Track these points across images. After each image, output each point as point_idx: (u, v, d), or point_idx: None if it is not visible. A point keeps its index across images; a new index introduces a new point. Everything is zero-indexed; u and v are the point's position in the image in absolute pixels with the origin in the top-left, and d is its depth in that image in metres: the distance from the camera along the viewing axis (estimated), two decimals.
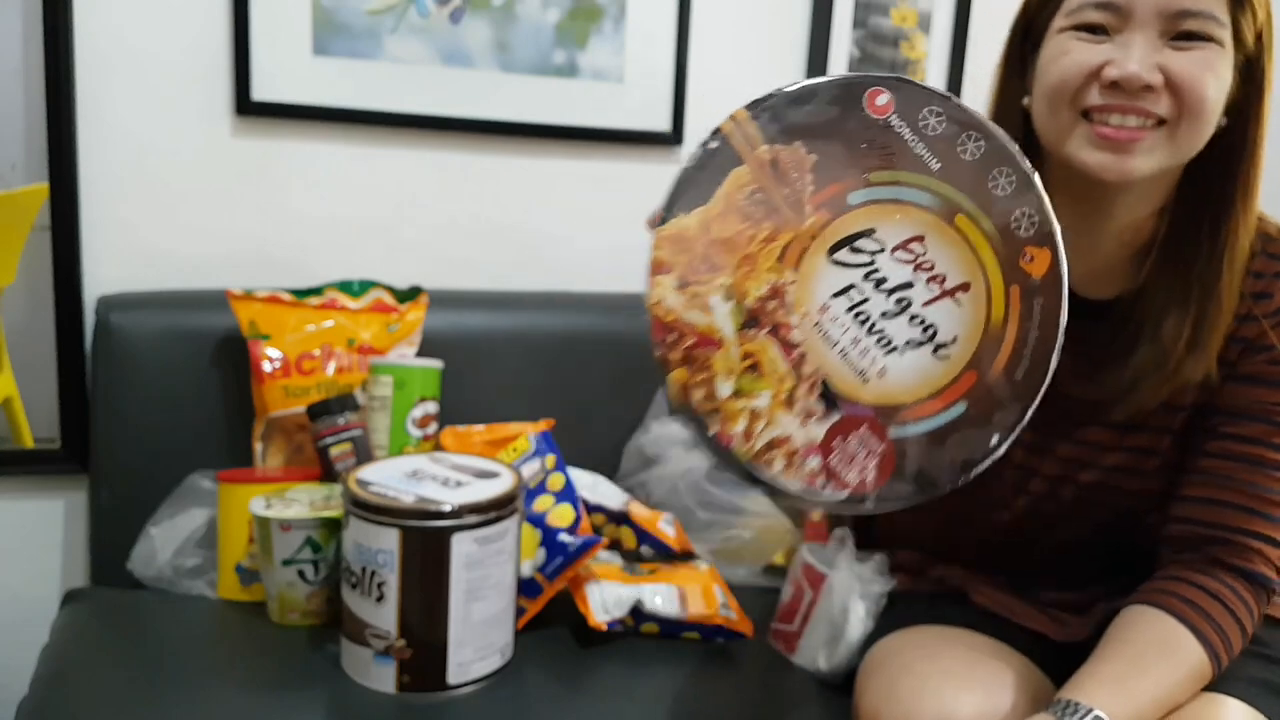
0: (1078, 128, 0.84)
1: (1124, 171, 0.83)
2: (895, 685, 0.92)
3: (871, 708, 0.93)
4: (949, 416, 0.69)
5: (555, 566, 1.10)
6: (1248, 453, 0.88)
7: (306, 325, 1.27)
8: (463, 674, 1.00)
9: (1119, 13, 0.82)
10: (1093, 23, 0.83)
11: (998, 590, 1.04)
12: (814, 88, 0.69)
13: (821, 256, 0.69)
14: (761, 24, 1.58)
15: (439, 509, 0.97)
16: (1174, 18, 0.81)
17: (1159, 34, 0.82)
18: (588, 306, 1.47)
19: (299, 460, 1.27)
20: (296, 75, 1.36)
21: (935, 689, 0.89)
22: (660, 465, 1.35)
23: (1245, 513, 0.88)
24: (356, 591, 0.99)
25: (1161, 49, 0.82)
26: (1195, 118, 0.83)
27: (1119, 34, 0.83)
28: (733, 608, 1.17)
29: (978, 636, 0.98)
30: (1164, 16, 0.82)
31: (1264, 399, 0.88)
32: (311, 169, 1.41)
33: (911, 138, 0.69)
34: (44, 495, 1.38)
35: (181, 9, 1.32)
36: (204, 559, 1.19)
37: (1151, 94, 0.82)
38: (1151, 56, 0.82)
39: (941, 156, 0.69)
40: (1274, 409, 0.88)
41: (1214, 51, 0.82)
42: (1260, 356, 0.89)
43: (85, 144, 1.31)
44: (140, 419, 1.26)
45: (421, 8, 1.40)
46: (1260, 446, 0.88)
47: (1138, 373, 0.88)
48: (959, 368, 0.69)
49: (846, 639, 1.07)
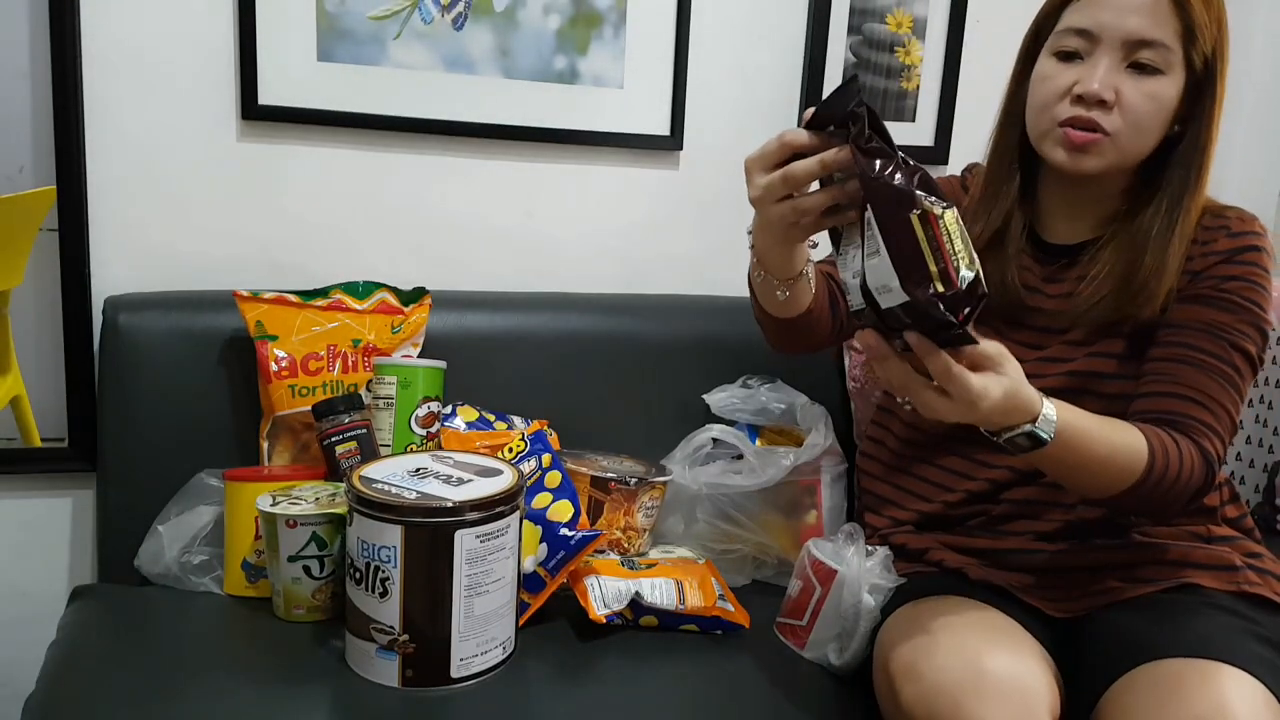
0: (1052, 132, 1.07)
1: (1080, 168, 1.06)
2: (935, 640, 0.96)
3: (906, 663, 0.96)
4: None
5: (557, 561, 1.12)
6: (1191, 356, 1.05)
7: (312, 326, 1.29)
8: (465, 668, 1.02)
9: (1091, 38, 1.04)
10: (1070, 49, 1.06)
11: (995, 570, 1.10)
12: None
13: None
14: (759, 30, 1.59)
15: (441, 506, 0.99)
16: (1134, 46, 1.03)
17: (1121, 59, 1.04)
18: (588, 307, 1.49)
19: (305, 458, 1.28)
20: (301, 80, 1.38)
21: (975, 646, 0.94)
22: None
23: (1191, 403, 1.04)
24: (361, 587, 1.01)
25: (1121, 72, 1.04)
26: (1136, 134, 1.05)
27: (1089, 56, 1.05)
28: (730, 600, 1.18)
29: (992, 609, 1.03)
30: (1126, 44, 1.03)
31: (1204, 316, 1.06)
32: (317, 173, 1.43)
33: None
34: (52, 493, 1.39)
35: (188, 14, 1.34)
36: (211, 556, 1.21)
37: (1106, 107, 1.04)
38: (1111, 77, 1.03)
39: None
40: (1214, 324, 1.06)
41: (1162, 82, 1.04)
42: (1204, 284, 1.07)
43: (93, 147, 1.32)
44: (148, 418, 1.27)
45: (425, 14, 1.42)
46: (1202, 354, 1.05)
47: (1096, 293, 1.08)
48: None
49: (859, 633, 1.08)
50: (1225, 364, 1.05)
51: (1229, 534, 1.12)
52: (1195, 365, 1.05)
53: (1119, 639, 0.99)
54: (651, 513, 1.28)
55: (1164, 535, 1.10)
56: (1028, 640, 0.99)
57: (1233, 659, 0.91)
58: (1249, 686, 0.89)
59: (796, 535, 1.33)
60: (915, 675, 0.93)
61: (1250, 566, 1.07)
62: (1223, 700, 0.87)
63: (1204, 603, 1.02)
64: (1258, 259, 1.08)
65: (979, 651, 0.93)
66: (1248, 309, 1.06)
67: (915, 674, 0.93)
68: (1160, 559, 1.08)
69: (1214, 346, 1.05)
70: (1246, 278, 1.07)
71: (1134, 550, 1.09)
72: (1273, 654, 0.95)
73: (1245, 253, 1.07)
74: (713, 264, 1.62)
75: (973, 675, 0.90)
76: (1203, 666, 0.90)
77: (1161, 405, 1.04)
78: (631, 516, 1.26)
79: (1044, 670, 0.95)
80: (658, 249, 1.61)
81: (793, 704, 1.07)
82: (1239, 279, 1.07)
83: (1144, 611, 1.02)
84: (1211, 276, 1.07)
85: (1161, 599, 1.04)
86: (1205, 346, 1.05)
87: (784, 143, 0.89)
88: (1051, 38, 1.08)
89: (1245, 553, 1.10)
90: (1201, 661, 0.91)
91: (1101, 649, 1.00)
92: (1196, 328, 1.06)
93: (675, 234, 1.61)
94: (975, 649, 0.93)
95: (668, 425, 1.43)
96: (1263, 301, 1.07)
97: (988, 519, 1.13)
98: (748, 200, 0.94)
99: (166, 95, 1.35)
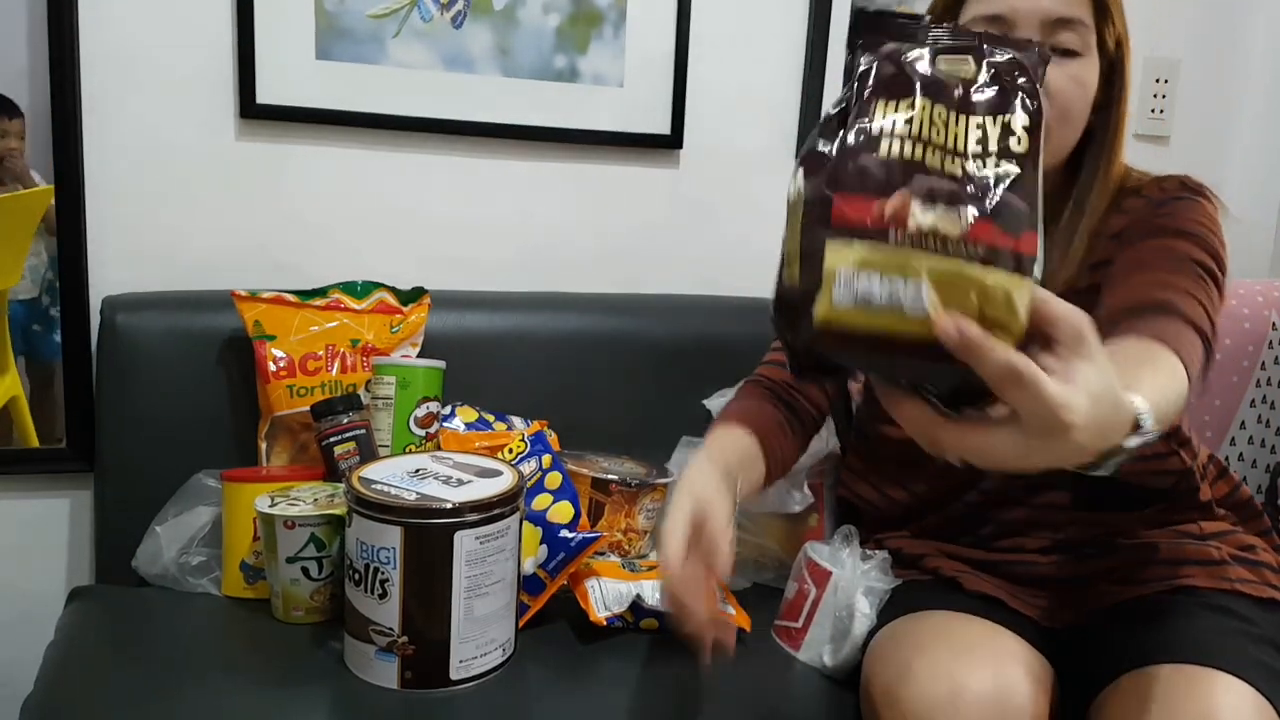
0: None
1: None
2: (910, 665, 0.94)
3: (885, 687, 0.95)
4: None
5: (557, 562, 1.12)
6: (1143, 265, 0.95)
7: (311, 326, 1.29)
8: (465, 670, 1.02)
9: (1005, 24, 0.97)
10: None
11: (988, 577, 1.08)
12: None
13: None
14: (760, 28, 1.59)
15: (441, 507, 0.98)
16: (1052, 26, 0.96)
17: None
18: (588, 307, 1.49)
19: (303, 459, 1.28)
20: (300, 79, 1.38)
21: (948, 667, 0.92)
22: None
23: (1164, 290, 0.91)
24: (360, 588, 1.00)
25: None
26: (1065, 122, 0.98)
27: None
28: (730, 602, 1.18)
29: (978, 620, 1.01)
30: (1044, 25, 0.96)
31: (1140, 252, 0.97)
32: (316, 172, 1.42)
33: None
34: (50, 494, 1.39)
35: (187, 13, 1.33)
36: (209, 557, 1.20)
37: None
38: None
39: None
40: (1156, 249, 0.96)
41: (1082, 65, 0.97)
42: (1137, 232, 1.00)
43: (91, 146, 1.32)
44: (145, 418, 1.27)
45: (424, 12, 1.41)
46: (1155, 271, 0.94)
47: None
48: None
49: (852, 635, 1.08)
50: (1182, 262, 0.94)
51: (1221, 528, 1.09)
52: (1149, 269, 0.94)
53: (1109, 645, 0.98)
54: (653, 515, 1.28)
55: (1156, 537, 1.07)
56: (1016, 651, 0.96)
57: (1223, 664, 0.88)
58: (1237, 694, 0.86)
59: (797, 538, 1.32)
60: (893, 700, 0.93)
61: (1243, 560, 1.04)
62: (1210, 709, 0.85)
63: (1198, 604, 0.99)
64: (1190, 204, 0.99)
65: (958, 671, 0.91)
66: (1188, 233, 0.96)
67: (893, 699, 0.93)
68: (1152, 561, 1.05)
69: (1162, 256, 0.95)
70: (1178, 212, 0.99)
71: (1125, 555, 1.06)
72: (1270, 654, 0.93)
73: (1169, 203, 1.00)
74: (713, 264, 1.62)
75: (950, 698, 0.89)
76: (1191, 673, 0.88)
77: (1132, 298, 0.92)
78: (632, 518, 1.26)
79: (1030, 683, 0.92)
80: (657, 249, 1.60)
81: (786, 706, 1.07)
82: (1170, 215, 0.99)
83: (1136, 616, 1.00)
84: (1139, 230, 0.99)
85: (1154, 602, 1.01)
86: (1151, 259, 0.96)
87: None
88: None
89: (1238, 546, 1.07)
90: (1190, 668, 0.89)
91: (1093, 656, 0.98)
92: (1135, 261, 0.96)
93: (675, 234, 1.61)
94: (953, 669, 0.91)
95: (668, 425, 1.43)
96: (1206, 225, 0.98)
97: (976, 538, 1.11)
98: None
99: (165, 94, 1.34)
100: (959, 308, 0.55)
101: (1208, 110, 1.90)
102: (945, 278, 0.55)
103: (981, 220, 0.56)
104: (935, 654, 0.94)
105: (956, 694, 0.89)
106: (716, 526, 0.91)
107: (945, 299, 0.55)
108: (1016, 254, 0.56)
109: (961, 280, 0.55)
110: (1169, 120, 1.87)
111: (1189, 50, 1.86)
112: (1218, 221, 1.00)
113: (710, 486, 0.95)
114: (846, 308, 0.56)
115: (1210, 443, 1.60)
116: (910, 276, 0.55)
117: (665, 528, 0.92)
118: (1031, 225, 0.58)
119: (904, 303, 0.55)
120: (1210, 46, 1.88)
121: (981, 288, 0.55)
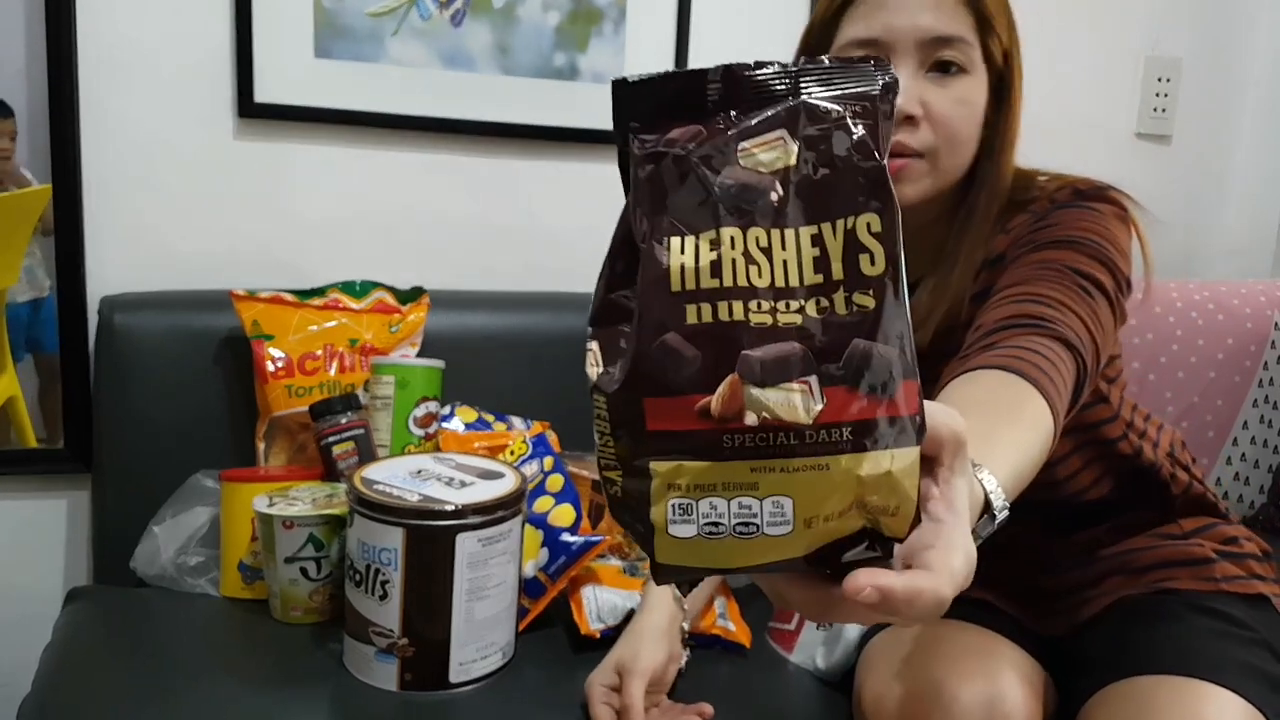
0: None
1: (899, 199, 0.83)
2: (898, 676, 0.93)
3: (874, 699, 0.94)
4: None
5: (558, 566, 1.11)
6: (1022, 286, 0.86)
7: (309, 325, 1.28)
8: (464, 673, 1.01)
9: (881, 46, 0.89)
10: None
11: (978, 584, 1.05)
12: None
13: None
14: (761, 27, 1.58)
15: (443, 508, 0.98)
16: (930, 46, 0.89)
17: (918, 65, 0.89)
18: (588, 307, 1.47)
19: (301, 459, 1.27)
20: (299, 77, 1.37)
21: (938, 678, 0.91)
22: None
23: (1038, 304, 0.83)
24: (360, 589, 1.00)
25: (922, 81, 0.89)
26: (954, 148, 0.91)
27: None
28: (732, 617, 1.17)
29: (971, 626, 0.99)
30: (921, 46, 0.89)
31: (1022, 264, 0.89)
32: (314, 171, 1.42)
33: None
34: (47, 494, 1.38)
35: (184, 11, 1.33)
36: (207, 557, 1.20)
37: (913, 124, 0.89)
38: (914, 90, 0.89)
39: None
40: (1037, 263, 0.88)
41: (968, 83, 0.90)
42: (1019, 249, 0.91)
43: (88, 145, 1.31)
44: (143, 418, 1.27)
45: (423, 10, 1.41)
46: (1031, 285, 0.86)
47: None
48: None
49: (844, 638, 1.07)
50: (1061, 274, 0.85)
51: (1202, 523, 1.05)
52: (1025, 283, 0.86)
53: (1094, 654, 0.96)
54: None
55: (1137, 543, 1.04)
56: (1009, 656, 0.94)
57: (1209, 674, 0.86)
58: (1222, 704, 0.84)
59: None
60: (883, 711, 0.92)
61: (1228, 555, 1.01)
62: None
63: (1184, 607, 0.96)
64: (1079, 211, 0.90)
65: (948, 680, 0.90)
66: (1072, 241, 0.88)
67: (883, 709, 0.92)
68: (1135, 566, 1.02)
69: (1040, 269, 0.87)
70: (1064, 220, 0.90)
71: (1108, 564, 1.03)
72: (1257, 654, 0.90)
73: (1053, 212, 0.91)
74: None
75: (940, 709, 0.88)
76: (1176, 684, 0.86)
77: (1009, 312, 0.83)
78: None
79: (1022, 689, 0.90)
80: None
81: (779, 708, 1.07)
82: (1055, 225, 0.90)
83: (1121, 623, 0.98)
84: (1021, 246, 0.91)
85: (1140, 607, 0.99)
86: (1028, 273, 0.87)
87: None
88: (831, 54, 0.91)
89: (1221, 539, 1.03)
90: (1175, 679, 0.87)
91: (1079, 665, 0.97)
92: (1012, 277, 0.88)
93: None
94: (944, 679, 0.90)
95: None
96: (1096, 232, 0.89)
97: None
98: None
99: (163, 93, 1.34)
100: (833, 512, 0.44)
101: (1210, 109, 1.90)
102: (807, 482, 0.43)
103: (837, 391, 0.43)
104: (925, 663, 0.93)
105: (948, 704, 0.88)
106: (632, 694, 0.97)
107: (812, 508, 0.44)
108: (893, 421, 0.44)
109: (828, 480, 0.43)
110: (1170, 120, 1.87)
111: (1190, 49, 1.86)
112: (1118, 228, 0.91)
113: (648, 636, 1.02)
114: (689, 543, 0.44)
115: (1213, 442, 1.60)
116: (762, 493, 0.43)
117: (590, 680, 1.01)
118: (907, 373, 0.44)
119: (760, 525, 0.44)
120: (1212, 45, 1.88)
121: (855, 481, 0.43)
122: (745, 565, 0.45)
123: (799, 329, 0.44)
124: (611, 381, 0.45)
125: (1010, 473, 0.63)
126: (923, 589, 0.45)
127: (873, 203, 0.45)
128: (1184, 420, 1.57)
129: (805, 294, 0.44)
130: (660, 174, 0.45)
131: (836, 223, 0.44)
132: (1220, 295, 1.63)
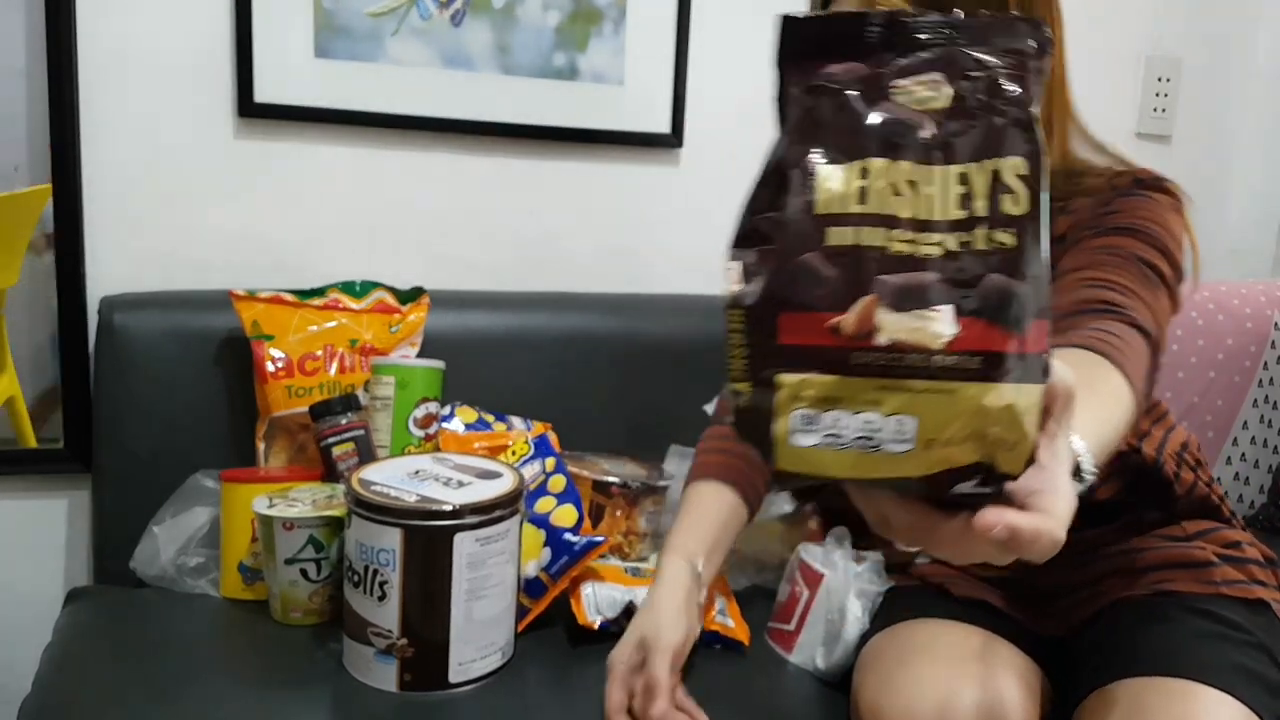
0: None
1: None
2: (893, 679, 0.93)
3: (871, 702, 0.94)
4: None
5: (560, 566, 1.11)
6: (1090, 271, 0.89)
7: (309, 326, 1.28)
8: (464, 673, 1.01)
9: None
10: None
11: (976, 583, 1.06)
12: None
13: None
14: (761, 26, 1.58)
15: (441, 509, 0.98)
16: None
17: None
18: (588, 307, 1.48)
19: (301, 460, 1.27)
20: (298, 77, 1.37)
21: (934, 681, 0.91)
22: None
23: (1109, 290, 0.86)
24: (359, 590, 1.00)
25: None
26: None
27: None
28: (731, 614, 1.17)
29: (968, 627, 0.99)
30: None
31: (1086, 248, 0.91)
32: (314, 171, 1.42)
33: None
34: (47, 494, 1.38)
35: (184, 11, 1.33)
36: (207, 558, 1.20)
37: None
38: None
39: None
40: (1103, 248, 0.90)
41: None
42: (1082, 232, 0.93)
43: (88, 145, 1.31)
44: (143, 419, 1.27)
45: (423, 10, 1.41)
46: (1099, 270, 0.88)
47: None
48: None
49: (843, 638, 1.07)
50: (1128, 260, 0.88)
51: (1205, 526, 1.05)
52: (1093, 268, 0.88)
53: (1089, 654, 0.96)
54: (654, 518, 1.27)
55: (1138, 544, 1.03)
56: (1007, 658, 0.95)
57: (1203, 675, 0.86)
58: (1215, 706, 0.84)
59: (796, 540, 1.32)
60: (880, 715, 0.92)
61: (1230, 559, 1.00)
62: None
63: (1181, 609, 0.95)
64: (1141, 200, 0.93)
65: (945, 684, 0.90)
66: (1136, 229, 0.90)
67: (880, 713, 0.92)
68: (1136, 568, 1.02)
69: (1106, 255, 0.89)
70: (1127, 208, 0.92)
71: (1109, 564, 1.03)
72: (1254, 658, 0.90)
73: (1117, 199, 0.94)
74: (713, 262, 1.61)
75: (938, 712, 0.88)
76: (1169, 686, 0.86)
77: (1086, 295, 0.86)
78: (633, 521, 1.25)
79: (1020, 691, 0.90)
80: (658, 247, 1.60)
81: (779, 708, 1.06)
82: (1118, 212, 0.92)
83: (1118, 623, 0.98)
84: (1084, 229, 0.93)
85: (1137, 608, 0.98)
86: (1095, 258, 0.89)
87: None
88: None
89: (1224, 543, 1.02)
90: (1168, 680, 0.86)
91: (1075, 665, 0.97)
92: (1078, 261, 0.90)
93: (675, 232, 1.60)
94: (941, 682, 0.90)
95: (667, 425, 1.42)
96: (1157, 222, 0.91)
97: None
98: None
99: (162, 93, 1.34)
100: (953, 437, 0.45)
101: (1210, 109, 1.90)
102: (931, 405, 0.44)
103: (969, 321, 0.44)
104: (922, 667, 0.93)
105: (944, 708, 0.88)
106: (657, 670, 0.94)
107: (934, 430, 0.44)
108: (1022, 357, 0.45)
109: (952, 404, 0.44)
110: (1171, 119, 1.87)
111: (1191, 48, 1.86)
112: (1175, 219, 0.92)
113: (668, 611, 1.00)
114: (810, 452, 0.46)
115: (1213, 442, 1.59)
116: (886, 410, 0.45)
117: (612, 657, 0.98)
118: (1039, 312, 0.45)
119: (881, 441, 0.45)
120: (1212, 44, 1.88)
121: (978, 410, 0.44)
122: (862, 476, 0.46)
123: (937, 260, 0.45)
124: (750, 296, 0.47)
125: (1095, 441, 0.64)
126: (1043, 530, 0.47)
127: (1022, 146, 0.46)
128: (1184, 420, 1.57)
129: (947, 227, 0.45)
130: (818, 105, 0.48)
131: (985, 163, 0.46)
132: (1220, 295, 1.63)
